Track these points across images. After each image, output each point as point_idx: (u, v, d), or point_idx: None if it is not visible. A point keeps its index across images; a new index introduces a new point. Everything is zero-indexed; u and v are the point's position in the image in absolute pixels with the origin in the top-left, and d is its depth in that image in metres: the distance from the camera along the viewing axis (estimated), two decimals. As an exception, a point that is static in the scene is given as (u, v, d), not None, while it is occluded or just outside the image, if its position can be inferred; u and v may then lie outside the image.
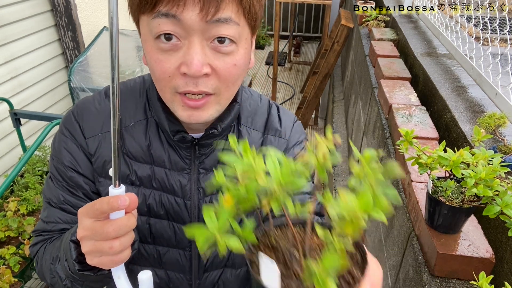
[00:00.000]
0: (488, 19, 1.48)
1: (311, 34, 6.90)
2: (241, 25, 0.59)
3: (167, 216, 0.76)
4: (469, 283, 0.83)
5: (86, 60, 2.52)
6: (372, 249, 1.50)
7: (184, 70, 0.57)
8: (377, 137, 1.66)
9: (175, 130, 0.70)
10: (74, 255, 0.61)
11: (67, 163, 0.72)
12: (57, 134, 0.75)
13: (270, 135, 0.81)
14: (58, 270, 0.67)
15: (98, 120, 0.72)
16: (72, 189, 0.74)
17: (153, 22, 0.56)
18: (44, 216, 0.77)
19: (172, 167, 0.74)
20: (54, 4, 2.63)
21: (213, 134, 0.72)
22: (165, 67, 0.59)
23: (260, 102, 0.83)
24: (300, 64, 5.97)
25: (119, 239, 0.54)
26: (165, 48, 0.58)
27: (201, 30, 0.56)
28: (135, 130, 0.73)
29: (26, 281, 1.92)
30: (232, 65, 0.61)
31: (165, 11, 0.55)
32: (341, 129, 3.14)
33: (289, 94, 4.98)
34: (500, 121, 1.03)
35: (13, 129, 2.26)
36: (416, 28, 2.29)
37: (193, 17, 0.55)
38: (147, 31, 0.59)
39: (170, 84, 0.60)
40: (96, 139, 0.72)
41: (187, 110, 0.62)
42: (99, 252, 0.55)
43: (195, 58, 0.56)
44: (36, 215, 2.08)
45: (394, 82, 1.69)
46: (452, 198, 0.79)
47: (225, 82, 0.62)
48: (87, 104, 0.74)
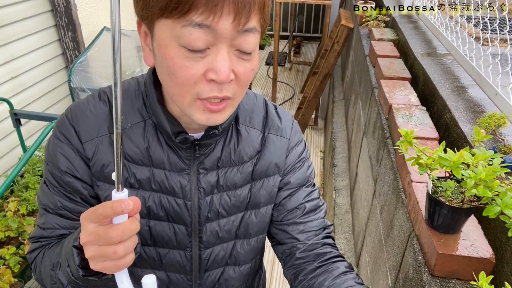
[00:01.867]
0: (488, 19, 1.48)
1: (311, 34, 6.89)
2: (259, 32, 0.61)
3: (167, 218, 0.76)
4: (469, 283, 0.83)
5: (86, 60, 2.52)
6: (372, 249, 1.50)
7: (212, 77, 0.57)
8: (377, 137, 1.66)
9: (176, 131, 0.70)
10: (77, 260, 0.60)
11: (63, 168, 0.71)
12: (51, 138, 0.73)
13: (271, 134, 0.81)
14: (60, 276, 0.66)
15: (94, 123, 0.71)
16: (69, 194, 0.73)
17: (182, 30, 0.55)
18: (41, 223, 0.76)
19: (171, 168, 0.74)
20: (54, 4, 2.63)
21: (214, 134, 0.72)
22: (191, 73, 0.58)
23: (256, 100, 0.84)
24: (300, 64, 5.97)
25: (122, 243, 0.54)
26: (192, 56, 0.57)
27: (230, 39, 0.57)
28: (132, 133, 0.72)
29: (26, 281, 1.92)
30: (251, 70, 0.62)
31: (200, 21, 0.54)
32: (341, 129, 3.14)
33: (289, 94, 4.98)
34: (500, 121, 1.03)
35: (13, 129, 2.26)
36: (416, 28, 2.29)
37: (226, 26, 0.55)
38: (170, 36, 0.57)
39: (193, 90, 0.59)
40: (93, 143, 0.71)
41: (206, 114, 0.62)
42: (103, 257, 0.55)
43: (224, 65, 0.57)
44: (36, 215, 2.08)
45: (394, 82, 1.69)
46: (452, 198, 0.79)
47: (242, 86, 0.63)
48: (82, 108, 0.73)
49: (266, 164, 0.80)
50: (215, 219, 0.79)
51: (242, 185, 0.79)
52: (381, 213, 1.43)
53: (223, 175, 0.77)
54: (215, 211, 0.78)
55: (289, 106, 4.71)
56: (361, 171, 2.02)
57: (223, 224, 0.80)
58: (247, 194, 0.80)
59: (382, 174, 1.48)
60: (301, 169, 0.85)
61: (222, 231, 0.80)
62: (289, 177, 0.84)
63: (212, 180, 0.76)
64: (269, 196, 0.83)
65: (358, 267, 1.81)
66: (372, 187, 1.66)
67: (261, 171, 0.80)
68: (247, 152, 0.78)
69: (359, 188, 2.03)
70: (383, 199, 1.41)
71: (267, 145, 0.80)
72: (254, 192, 0.80)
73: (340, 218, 2.23)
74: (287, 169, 0.83)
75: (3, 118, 2.36)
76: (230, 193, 0.78)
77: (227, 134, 0.77)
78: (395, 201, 1.22)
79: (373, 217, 1.57)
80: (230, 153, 0.77)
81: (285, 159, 0.82)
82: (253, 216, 0.82)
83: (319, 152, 3.86)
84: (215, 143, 0.75)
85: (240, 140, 0.78)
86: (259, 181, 0.81)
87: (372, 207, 1.62)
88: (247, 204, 0.81)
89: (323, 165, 3.66)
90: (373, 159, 1.71)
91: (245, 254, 0.85)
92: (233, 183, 0.78)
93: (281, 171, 0.83)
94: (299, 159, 0.85)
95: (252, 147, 0.79)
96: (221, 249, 0.82)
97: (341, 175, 2.58)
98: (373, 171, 1.68)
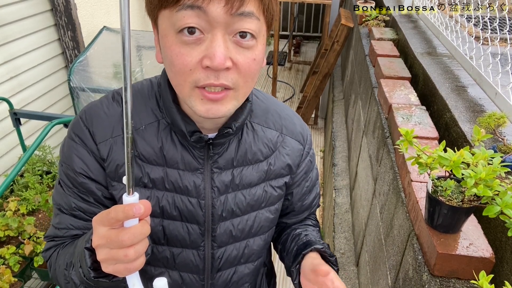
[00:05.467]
0: (488, 18, 1.48)
1: (311, 33, 6.89)
2: (261, 21, 0.60)
3: (181, 217, 0.76)
4: (469, 283, 0.83)
5: (86, 60, 2.52)
6: (372, 249, 1.50)
7: (207, 63, 0.57)
8: (377, 136, 1.66)
9: (191, 131, 0.70)
10: (89, 262, 0.61)
11: (78, 169, 0.72)
12: (66, 140, 0.74)
13: (288, 136, 0.83)
14: (73, 276, 0.67)
15: (108, 124, 0.72)
16: (83, 195, 0.73)
17: (177, 15, 0.57)
18: (55, 223, 0.77)
19: (185, 168, 0.74)
20: (54, 3, 2.63)
21: (228, 133, 0.72)
22: (187, 60, 0.58)
23: (271, 101, 0.84)
24: (300, 63, 5.97)
25: (133, 247, 0.54)
26: (187, 42, 0.58)
27: (225, 24, 0.57)
28: (146, 133, 0.72)
29: (26, 281, 1.92)
30: (252, 60, 0.61)
31: (191, 3, 0.55)
32: (341, 128, 3.14)
33: (289, 94, 4.97)
34: (500, 120, 1.03)
35: (13, 129, 2.26)
36: (416, 28, 2.29)
37: (218, 9, 0.55)
38: (168, 25, 0.59)
39: (190, 78, 0.60)
40: (107, 143, 0.71)
41: (205, 104, 0.62)
42: (114, 260, 0.55)
43: (218, 51, 0.57)
44: (36, 214, 2.08)
45: (394, 82, 1.69)
46: (452, 197, 0.79)
47: (245, 76, 0.62)
48: (96, 109, 0.73)
49: (281, 165, 0.82)
50: (229, 218, 0.79)
51: (257, 183, 0.80)
52: (381, 212, 1.43)
53: (238, 174, 0.77)
54: (230, 210, 0.78)
55: (289, 105, 4.70)
56: (361, 171, 2.02)
57: (237, 223, 0.80)
58: (262, 193, 0.81)
59: (382, 174, 1.48)
60: (309, 177, 0.90)
61: (235, 230, 0.80)
62: (301, 184, 0.88)
63: (227, 179, 0.76)
64: (282, 192, 0.85)
65: (358, 267, 1.81)
66: (372, 187, 1.66)
67: (276, 171, 0.81)
68: (263, 152, 0.79)
69: (359, 187, 2.03)
70: (383, 199, 1.41)
71: (284, 146, 0.82)
72: (269, 191, 0.81)
73: (340, 217, 2.23)
74: (297, 176, 0.86)
75: (3, 117, 2.36)
76: (245, 192, 0.79)
77: (241, 133, 0.77)
78: (395, 201, 1.22)
79: (373, 216, 1.57)
80: (245, 152, 0.77)
81: (298, 163, 0.85)
82: (267, 213, 0.83)
83: (319, 152, 3.86)
84: (228, 142, 0.76)
85: (257, 139, 0.79)
86: (274, 180, 0.82)
87: (372, 207, 1.62)
88: (262, 203, 0.82)
89: (323, 165, 3.66)
90: (373, 158, 1.71)
91: (259, 250, 0.87)
92: (248, 182, 0.78)
93: (293, 174, 0.85)
94: (310, 168, 0.89)
95: (267, 147, 0.80)
96: (234, 248, 0.82)
97: (341, 175, 2.58)
98: (373, 171, 1.68)
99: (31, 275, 1.98)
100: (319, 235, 0.92)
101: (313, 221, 0.97)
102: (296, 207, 0.91)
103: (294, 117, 0.86)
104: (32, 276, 1.99)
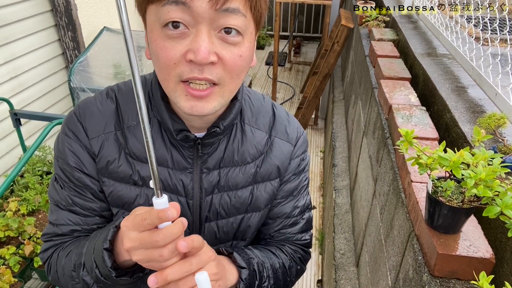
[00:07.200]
0: (488, 19, 1.48)
1: (311, 34, 6.89)
2: (247, 18, 0.60)
3: None
4: (469, 283, 0.83)
5: (86, 60, 2.52)
6: (372, 249, 1.51)
7: (191, 57, 0.57)
8: (377, 137, 1.66)
9: (178, 129, 0.70)
10: (109, 263, 0.62)
11: (72, 164, 0.72)
12: (60, 135, 0.74)
13: (277, 138, 0.81)
14: (84, 277, 0.68)
15: (100, 120, 0.72)
16: (79, 189, 0.74)
17: (162, 10, 0.57)
18: (53, 219, 0.77)
19: (174, 167, 0.74)
20: (54, 4, 2.63)
21: (215, 133, 0.72)
22: (171, 54, 0.58)
23: (264, 101, 0.84)
24: (300, 64, 5.97)
25: (167, 246, 0.55)
26: (172, 36, 0.58)
27: (210, 19, 0.57)
28: (137, 130, 0.73)
29: (26, 281, 1.92)
30: (238, 56, 0.61)
31: None
32: (341, 129, 3.14)
33: (289, 94, 4.98)
34: (500, 121, 1.03)
35: (13, 129, 2.26)
36: (416, 28, 2.29)
37: (203, 4, 0.55)
38: (154, 20, 0.59)
39: (174, 71, 0.60)
40: (99, 139, 0.72)
41: (190, 101, 0.62)
42: (150, 260, 0.57)
43: (202, 45, 0.57)
44: (36, 215, 2.08)
45: (394, 82, 1.69)
46: (452, 198, 0.79)
47: (230, 72, 0.62)
48: (89, 105, 0.74)
49: (269, 168, 0.80)
50: (214, 219, 0.79)
51: (244, 186, 0.79)
52: (381, 213, 1.43)
53: (224, 175, 0.77)
54: (214, 211, 0.78)
55: (289, 106, 4.71)
56: (361, 171, 2.02)
57: (222, 225, 0.80)
58: (249, 196, 0.80)
59: (382, 174, 1.48)
60: (294, 182, 0.85)
61: (220, 232, 0.80)
62: (283, 186, 0.84)
63: (214, 180, 0.76)
64: (270, 199, 0.83)
65: (358, 267, 1.81)
66: (372, 187, 1.66)
67: (264, 174, 0.80)
68: (251, 153, 0.78)
69: (359, 188, 2.03)
70: (383, 199, 1.41)
71: (272, 148, 0.80)
72: (256, 194, 0.80)
73: (340, 218, 2.23)
74: (285, 177, 0.84)
75: (3, 118, 2.36)
76: (230, 194, 0.78)
77: (231, 133, 0.77)
78: (395, 201, 1.22)
79: (373, 217, 1.57)
80: (233, 152, 0.77)
81: (287, 165, 0.83)
82: (252, 218, 0.82)
83: (319, 152, 3.86)
84: (218, 142, 0.75)
85: (245, 140, 0.78)
86: (261, 184, 0.81)
87: (372, 207, 1.62)
88: (247, 206, 0.80)
89: (323, 165, 3.66)
90: (373, 159, 1.71)
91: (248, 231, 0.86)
92: (234, 184, 0.78)
93: (281, 176, 0.83)
94: (297, 171, 0.85)
95: (256, 149, 0.79)
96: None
97: (341, 175, 2.58)
98: (373, 171, 1.68)
99: (31, 275, 1.98)
100: (273, 262, 0.82)
101: (290, 251, 0.87)
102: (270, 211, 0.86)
103: (287, 119, 0.84)
104: (32, 277, 1.99)
